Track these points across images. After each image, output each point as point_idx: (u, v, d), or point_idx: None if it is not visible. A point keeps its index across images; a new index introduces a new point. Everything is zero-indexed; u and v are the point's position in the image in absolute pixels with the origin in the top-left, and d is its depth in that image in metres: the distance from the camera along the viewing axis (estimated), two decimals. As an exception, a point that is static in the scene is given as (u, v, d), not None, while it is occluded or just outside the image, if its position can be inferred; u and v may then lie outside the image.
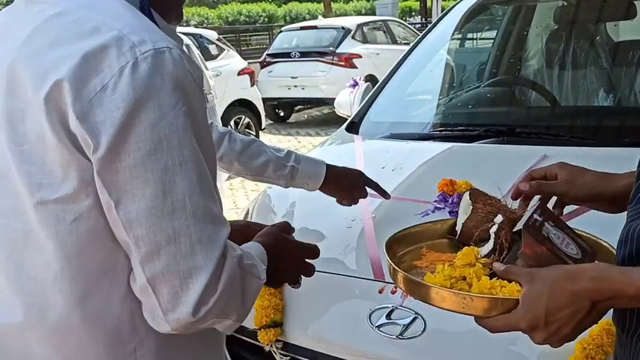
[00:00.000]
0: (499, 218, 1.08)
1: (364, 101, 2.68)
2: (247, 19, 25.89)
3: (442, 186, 1.84)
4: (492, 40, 3.09)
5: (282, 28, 11.83)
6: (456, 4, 2.96)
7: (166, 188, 0.87)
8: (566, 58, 2.67)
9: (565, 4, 2.86)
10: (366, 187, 1.82)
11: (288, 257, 1.15)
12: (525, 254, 0.98)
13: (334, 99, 2.94)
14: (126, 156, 0.85)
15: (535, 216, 1.01)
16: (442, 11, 3.44)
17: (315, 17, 21.06)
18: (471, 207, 1.15)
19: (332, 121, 10.00)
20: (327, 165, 1.77)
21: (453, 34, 2.98)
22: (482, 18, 3.22)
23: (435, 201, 1.80)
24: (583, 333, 1.29)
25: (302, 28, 11.10)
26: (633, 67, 2.47)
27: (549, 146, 1.97)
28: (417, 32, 10.73)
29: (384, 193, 1.83)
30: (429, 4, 17.32)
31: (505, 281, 0.95)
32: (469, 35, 3.38)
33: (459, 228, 1.18)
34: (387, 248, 1.13)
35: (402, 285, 1.06)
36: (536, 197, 1.12)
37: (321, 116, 10.86)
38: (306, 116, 11.10)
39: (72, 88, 0.84)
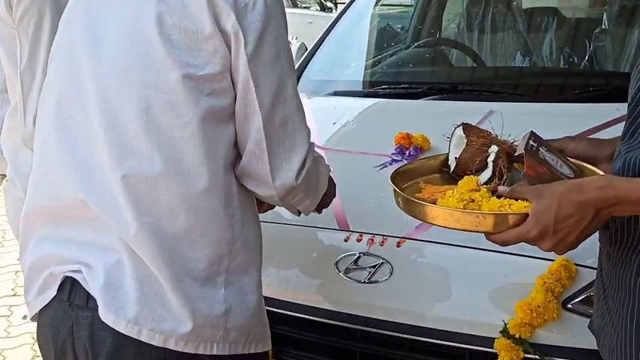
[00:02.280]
0: (494, 148, 1.14)
1: (301, 60, 2.67)
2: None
3: (399, 139, 1.89)
4: (413, 5, 3.16)
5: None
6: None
7: (283, 85, 1.18)
8: (485, 22, 2.79)
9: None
10: None
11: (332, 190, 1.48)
12: (529, 175, 1.05)
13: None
14: (263, 55, 1.15)
15: (531, 142, 1.09)
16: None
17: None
18: (465, 140, 1.19)
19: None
20: None
21: None
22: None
23: (393, 153, 1.85)
24: (541, 268, 1.43)
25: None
26: (571, 31, 2.65)
27: (491, 102, 2.06)
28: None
29: None
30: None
31: (512, 200, 1.02)
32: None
33: (452, 162, 1.22)
34: (394, 183, 1.17)
35: (417, 212, 1.10)
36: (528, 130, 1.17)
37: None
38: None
39: (228, 2, 1.12)
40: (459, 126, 1.25)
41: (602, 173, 1.11)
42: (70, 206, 1.19)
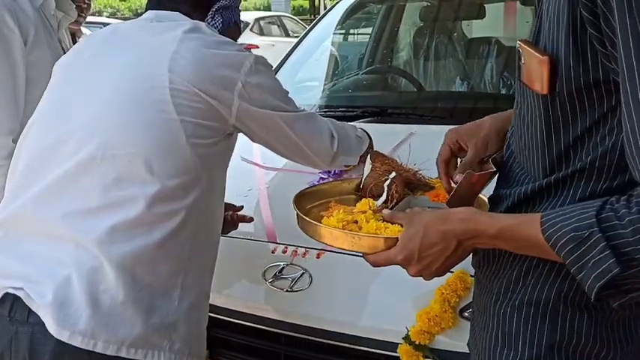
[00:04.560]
0: (392, 174, 1.15)
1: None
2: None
3: (326, 158, 1.89)
4: (369, 34, 3.18)
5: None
6: (338, 1, 3.03)
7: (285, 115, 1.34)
8: (429, 51, 2.80)
9: (429, 4, 3.01)
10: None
11: None
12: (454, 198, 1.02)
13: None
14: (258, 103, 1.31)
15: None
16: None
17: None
18: (370, 166, 1.21)
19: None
20: None
21: (335, 28, 3.04)
22: (360, 15, 3.29)
23: (320, 172, 1.85)
24: (440, 279, 1.33)
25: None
26: (483, 60, 2.65)
27: (415, 125, 2.07)
28: (307, 27, 10.84)
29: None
30: (316, 2, 17.39)
31: (389, 224, 1.00)
32: (350, 29, 3.45)
33: (362, 185, 1.23)
34: (296, 201, 1.15)
35: (304, 228, 1.09)
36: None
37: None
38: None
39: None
40: (370, 153, 1.27)
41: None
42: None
